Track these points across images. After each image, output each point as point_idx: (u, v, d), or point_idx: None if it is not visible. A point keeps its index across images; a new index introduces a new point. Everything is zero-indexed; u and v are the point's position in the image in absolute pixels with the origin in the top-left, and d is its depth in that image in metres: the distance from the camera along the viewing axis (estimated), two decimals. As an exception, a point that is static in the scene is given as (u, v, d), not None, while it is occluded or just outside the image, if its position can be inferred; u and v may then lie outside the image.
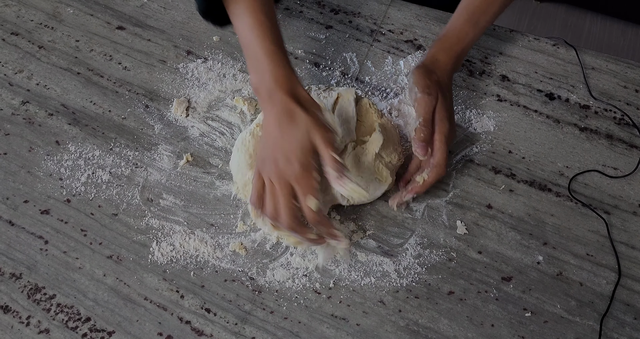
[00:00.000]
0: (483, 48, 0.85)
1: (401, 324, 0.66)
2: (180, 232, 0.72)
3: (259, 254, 0.71)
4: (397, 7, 0.89)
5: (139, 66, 0.85)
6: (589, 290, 0.68)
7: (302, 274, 0.69)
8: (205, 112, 0.81)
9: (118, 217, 0.73)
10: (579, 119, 0.79)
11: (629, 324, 0.66)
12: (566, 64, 0.83)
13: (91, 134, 0.79)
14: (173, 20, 0.89)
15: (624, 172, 0.75)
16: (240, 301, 0.68)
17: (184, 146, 0.78)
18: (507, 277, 0.69)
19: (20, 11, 0.91)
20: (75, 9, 0.91)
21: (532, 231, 0.71)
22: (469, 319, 0.67)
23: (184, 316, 0.67)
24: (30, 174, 0.76)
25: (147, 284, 0.69)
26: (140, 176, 0.76)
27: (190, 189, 0.75)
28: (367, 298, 0.68)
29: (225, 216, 0.73)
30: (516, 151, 0.77)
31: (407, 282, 0.69)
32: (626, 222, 0.72)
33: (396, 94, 0.81)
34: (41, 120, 0.80)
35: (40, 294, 0.69)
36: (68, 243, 0.72)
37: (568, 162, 0.76)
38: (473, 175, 0.75)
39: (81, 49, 0.87)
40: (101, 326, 0.67)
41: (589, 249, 0.70)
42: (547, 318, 0.66)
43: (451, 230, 0.72)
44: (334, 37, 0.87)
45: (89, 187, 0.75)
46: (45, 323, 0.67)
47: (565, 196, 0.74)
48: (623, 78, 0.82)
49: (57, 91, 0.83)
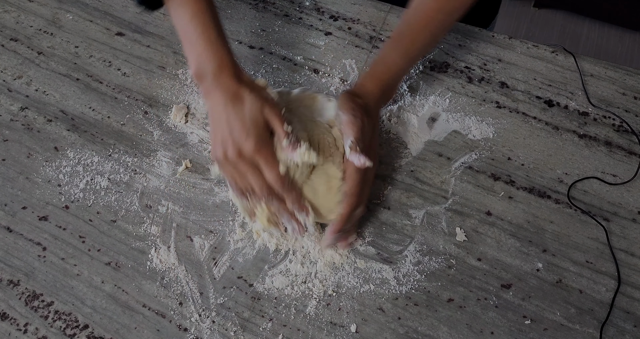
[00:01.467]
0: (482, 55, 0.85)
1: (400, 332, 0.66)
2: (178, 239, 0.72)
3: (258, 261, 0.70)
4: (396, 13, 0.90)
5: (138, 72, 0.85)
6: (589, 297, 0.68)
7: (301, 281, 0.69)
8: (205, 118, 0.81)
9: (117, 224, 0.73)
10: (578, 126, 0.79)
11: (629, 331, 0.66)
12: (565, 70, 0.83)
13: (90, 140, 0.79)
14: (172, 26, 0.89)
15: (623, 179, 0.75)
16: (239, 308, 0.68)
17: (183, 152, 0.78)
18: (506, 284, 0.69)
19: (20, 17, 0.91)
20: (75, 15, 0.91)
21: (532, 238, 0.71)
22: (468, 327, 0.66)
23: (182, 324, 0.67)
24: (29, 180, 0.76)
25: (145, 291, 0.69)
26: (139, 182, 0.76)
27: (189, 195, 0.75)
28: (366, 305, 0.68)
29: (223, 223, 0.73)
30: (515, 158, 0.77)
31: (407, 289, 0.68)
32: (625, 229, 0.72)
33: (395, 100, 0.81)
34: (40, 126, 0.80)
35: (38, 301, 0.68)
36: (66, 250, 0.71)
37: (567, 169, 0.76)
38: (472, 182, 0.75)
39: (80, 55, 0.87)
40: (99, 334, 0.66)
41: (589, 257, 0.70)
42: (547, 325, 0.66)
43: (450, 237, 0.71)
44: (333, 43, 0.87)
45: (87, 193, 0.75)
46: (43, 330, 0.67)
47: (564, 203, 0.74)
48: (622, 85, 0.82)
49: (56, 97, 0.83)
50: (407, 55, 0.72)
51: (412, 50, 0.72)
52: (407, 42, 0.72)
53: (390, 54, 0.72)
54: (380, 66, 0.72)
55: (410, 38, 0.72)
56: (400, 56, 0.72)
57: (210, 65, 0.65)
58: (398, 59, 0.72)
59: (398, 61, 0.72)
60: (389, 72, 0.72)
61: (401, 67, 0.73)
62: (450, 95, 0.82)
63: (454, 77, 0.83)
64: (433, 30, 0.72)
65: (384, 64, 0.72)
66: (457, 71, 0.84)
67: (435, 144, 0.78)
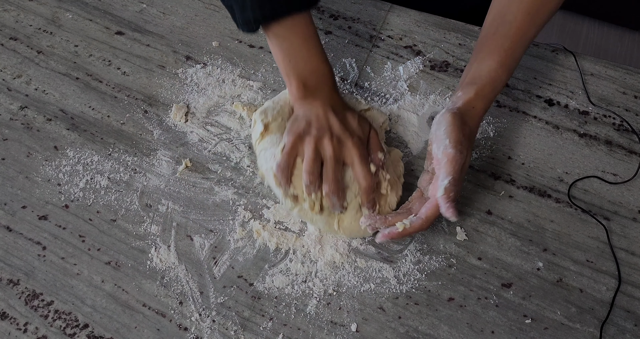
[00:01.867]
0: (482, 54, 0.85)
1: (401, 331, 0.66)
2: (178, 238, 0.72)
3: (258, 260, 0.70)
4: (397, 12, 0.89)
5: (138, 71, 0.85)
6: (589, 297, 0.68)
7: (302, 280, 0.69)
8: (205, 117, 0.80)
9: (117, 223, 0.73)
10: (578, 125, 0.79)
11: (630, 331, 0.66)
12: (565, 70, 0.83)
13: (90, 139, 0.79)
14: (172, 25, 0.89)
15: (623, 178, 0.75)
16: (239, 307, 0.68)
17: (183, 151, 0.78)
18: (507, 283, 0.69)
19: (19, 16, 0.91)
20: (74, 14, 0.91)
21: (532, 237, 0.71)
22: (469, 326, 0.66)
23: (182, 323, 0.67)
24: (29, 179, 0.76)
25: (145, 290, 0.69)
26: (139, 181, 0.76)
27: (189, 194, 0.75)
28: (366, 305, 0.68)
29: (224, 222, 0.73)
30: (515, 157, 0.77)
31: (407, 288, 0.68)
32: (626, 228, 0.72)
33: (395, 99, 0.81)
34: (39, 125, 0.80)
35: (38, 300, 0.68)
36: (66, 249, 0.71)
37: (567, 168, 0.76)
38: (472, 181, 0.75)
39: (80, 54, 0.87)
40: (99, 333, 0.66)
41: (589, 256, 0.70)
42: (547, 324, 0.66)
43: (451, 236, 0.71)
44: (333, 42, 0.87)
45: (87, 192, 0.75)
46: (43, 329, 0.67)
47: (564, 202, 0.73)
48: (622, 84, 0.82)
49: (56, 96, 0.83)
50: (509, 68, 0.67)
51: (511, 61, 0.67)
52: (509, 55, 0.67)
53: (496, 71, 0.66)
54: (489, 85, 0.66)
55: (512, 49, 0.67)
56: (505, 72, 0.67)
57: (328, 81, 0.71)
58: (503, 75, 0.67)
59: (504, 78, 0.67)
60: (495, 91, 0.67)
61: (504, 83, 0.68)
62: (450, 94, 0.81)
63: (454, 76, 0.83)
64: (527, 36, 0.68)
65: (491, 83, 0.66)
66: (457, 70, 0.84)
67: (435, 143, 0.78)
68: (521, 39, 0.67)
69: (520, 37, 0.67)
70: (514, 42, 0.67)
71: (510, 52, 0.67)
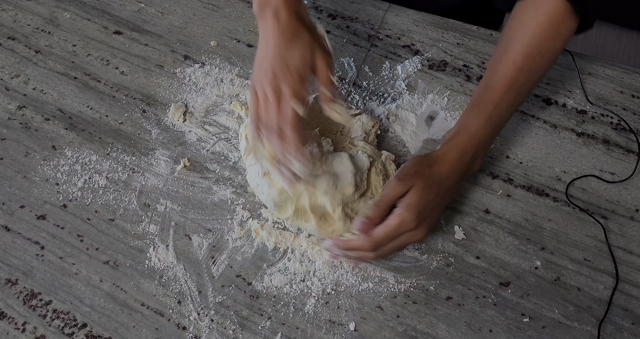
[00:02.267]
0: (480, 53, 0.85)
1: (399, 330, 0.66)
2: (177, 237, 0.72)
3: (257, 259, 0.70)
4: (395, 12, 0.90)
5: (136, 71, 0.85)
6: (587, 295, 0.68)
7: (300, 279, 0.69)
8: (203, 117, 0.80)
9: (115, 223, 0.73)
10: (576, 124, 0.79)
11: (627, 329, 0.66)
12: (563, 69, 0.83)
13: (88, 139, 0.79)
14: (170, 25, 0.89)
15: (621, 177, 0.75)
16: (238, 306, 0.68)
17: (181, 151, 0.78)
18: (505, 282, 0.69)
19: (17, 16, 0.91)
20: (72, 14, 0.91)
21: (530, 236, 0.71)
22: (467, 325, 0.66)
23: (180, 322, 0.67)
24: (27, 179, 0.76)
25: (143, 289, 0.69)
26: (137, 181, 0.76)
27: (187, 194, 0.75)
28: (365, 304, 0.68)
29: (222, 221, 0.73)
30: (513, 156, 0.77)
31: (405, 287, 0.68)
32: (623, 227, 0.72)
33: (394, 98, 0.81)
34: (38, 125, 0.80)
35: (36, 300, 0.68)
36: (64, 249, 0.71)
37: (565, 167, 0.76)
38: (471, 180, 0.75)
39: (78, 54, 0.87)
40: (97, 332, 0.66)
41: (587, 254, 0.70)
42: (545, 323, 0.66)
43: (449, 235, 0.72)
44: (332, 42, 0.87)
45: (85, 192, 0.75)
46: (41, 329, 0.67)
47: (562, 201, 0.74)
48: (619, 83, 0.82)
49: (54, 96, 0.83)
50: (491, 120, 0.68)
51: (495, 115, 0.68)
52: (490, 107, 0.67)
53: (473, 121, 0.67)
54: (463, 135, 0.67)
55: (493, 102, 0.67)
56: (483, 123, 0.67)
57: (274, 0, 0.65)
58: (481, 126, 0.67)
59: (481, 128, 0.67)
60: (472, 141, 0.67)
61: (484, 134, 0.68)
62: (448, 93, 0.82)
63: (452, 76, 0.83)
64: (516, 92, 0.68)
65: (466, 132, 0.67)
66: (455, 70, 0.84)
67: (433, 142, 0.78)
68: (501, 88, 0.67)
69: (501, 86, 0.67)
70: (491, 89, 0.68)
71: (487, 99, 0.68)
